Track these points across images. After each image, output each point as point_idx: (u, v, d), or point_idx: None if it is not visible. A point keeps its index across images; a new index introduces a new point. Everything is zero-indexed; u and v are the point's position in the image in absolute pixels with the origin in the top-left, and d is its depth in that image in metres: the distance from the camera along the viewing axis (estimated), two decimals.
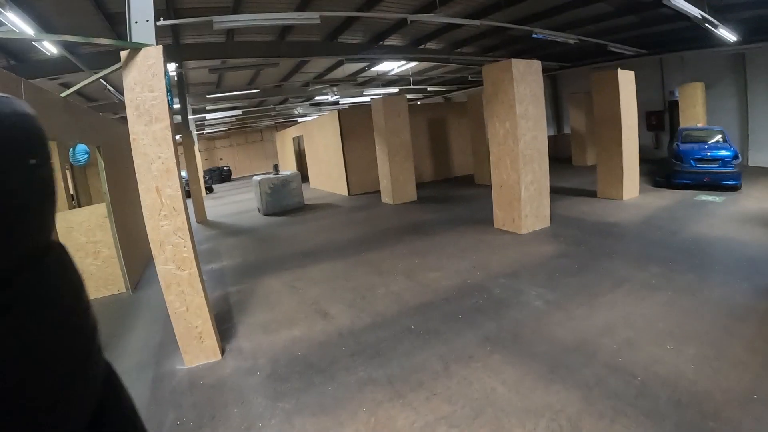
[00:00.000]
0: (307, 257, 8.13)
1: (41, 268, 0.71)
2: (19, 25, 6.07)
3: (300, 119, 27.56)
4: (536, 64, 7.93)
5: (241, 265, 8.39)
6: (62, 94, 5.32)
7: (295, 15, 6.73)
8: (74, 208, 9.36)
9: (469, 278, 5.98)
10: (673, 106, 15.31)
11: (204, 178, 26.19)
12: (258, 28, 9.25)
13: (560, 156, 17.96)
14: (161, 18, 5.35)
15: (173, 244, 4.35)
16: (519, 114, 7.56)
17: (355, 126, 15.51)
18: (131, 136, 4.17)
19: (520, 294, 5.27)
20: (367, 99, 19.12)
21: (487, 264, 6.46)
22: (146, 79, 4.06)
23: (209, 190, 26.32)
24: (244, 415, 3.56)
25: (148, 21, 4.08)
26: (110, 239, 7.54)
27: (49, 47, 8.03)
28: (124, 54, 4.01)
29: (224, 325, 5.49)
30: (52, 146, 6.78)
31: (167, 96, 4.19)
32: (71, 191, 11.40)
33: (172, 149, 4.25)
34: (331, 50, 11.46)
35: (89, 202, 11.64)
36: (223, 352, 4.75)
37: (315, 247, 8.83)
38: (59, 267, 0.77)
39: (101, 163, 7.12)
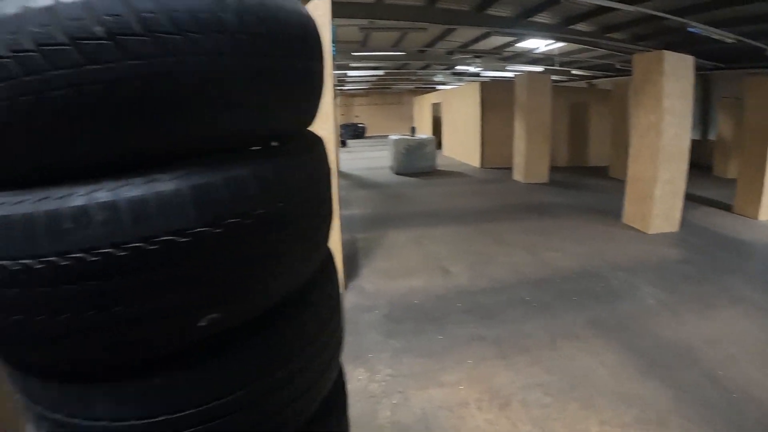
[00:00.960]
0: (433, 218, 8.40)
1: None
2: None
3: (439, 87, 27.55)
4: (689, 60, 7.32)
5: (370, 215, 8.88)
6: None
7: None
8: None
9: (587, 264, 5.85)
10: None
11: (340, 131, 27.47)
12: None
13: (701, 163, 16.16)
14: None
15: None
16: (665, 108, 7.07)
17: (495, 100, 15.29)
18: None
19: (635, 289, 5.10)
20: (509, 74, 18.61)
21: (608, 255, 6.25)
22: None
23: (343, 144, 27.53)
24: (357, 343, 3.93)
25: None
26: None
27: None
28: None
29: (349, 266, 5.93)
30: None
31: (332, 46, 4.57)
32: None
33: (332, 94, 4.67)
34: (479, 21, 11.29)
35: None
36: (346, 287, 5.21)
37: (441, 210, 9.07)
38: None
39: None
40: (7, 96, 0.73)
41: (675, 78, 7.13)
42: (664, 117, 7.10)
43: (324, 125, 4.67)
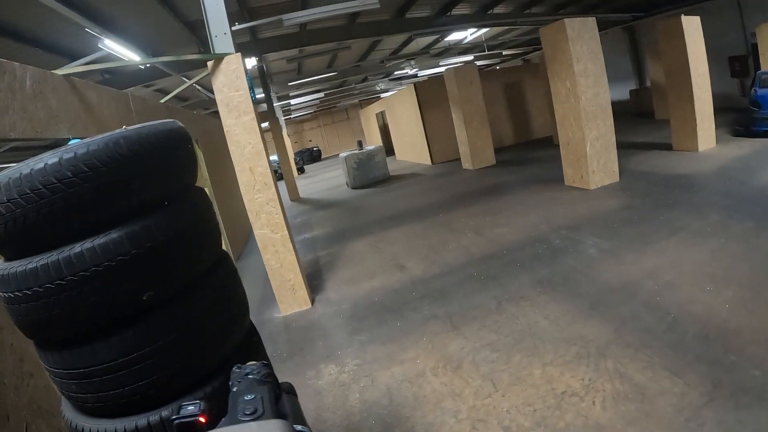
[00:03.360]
0: (390, 222, 8.99)
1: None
2: (116, 47, 6.85)
3: (383, 95, 28.29)
4: (591, 21, 7.98)
5: (331, 233, 9.44)
6: (162, 101, 6.40)
7: (357, 3, 7.34)
8: None
9: (533, 232, 6.43)
10: (757, 50, 14.14)
11: (295, 159, 27.85)
12: (328, 17, 9.94)
13: (643, 110, 17.16)
14: (236, 23, 6.18)
15: (267, 212, 5.31)
16: (578, 72, 7.74)
17: (432, 97, 15.99)
18: (225, 129, 5.12)
19: (577, 244, 5.65)
20: (443, 69, 19.41)
21: (553, 218, 6.84)
22: (231, 81, 4.95)
23: (301, 171, 27.91)
24: (327, 345, 4.44)
25: (225, 33, 4.96)
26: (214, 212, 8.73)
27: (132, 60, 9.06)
28: (210, 63, 4.93)
29: (315, 281, 6.46)
30: None
31: (250, 93, 5.07)
32: None
33: (259, 135, 5.16)
34: (401, 27, 11.88)
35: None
36: (313, 301, 5.72)
37: (397, 213, 9.66)
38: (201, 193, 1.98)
39: (200, 153, 8.25)
40: None
41: (581, 41, 7.78)
42: (578, 81, 7.75)
43: (259, 162, 5.18)
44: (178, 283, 1.70)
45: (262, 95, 14.71)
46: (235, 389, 1.11)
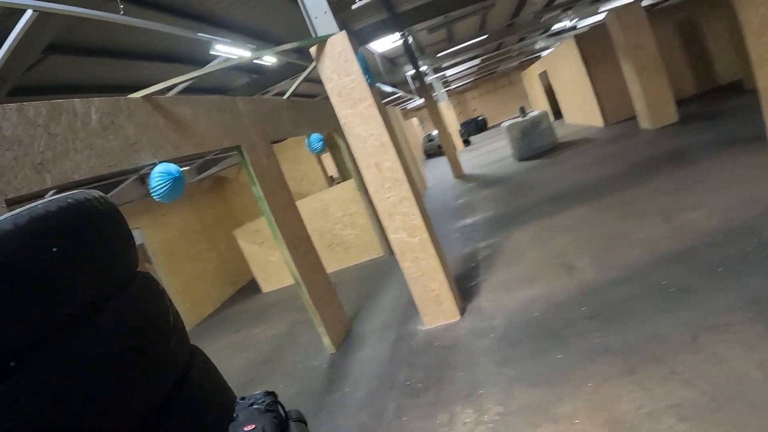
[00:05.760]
0: (558, 202, 7.61)
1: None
2: (228, 50, 6.57)
3: (543, 53, 25.82)
4: None
5: (493, 217, 8.39)
6: (284, 97, 6.03)
7: None
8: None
9: (735, 217, 4.64)
10: None
11: (460, 131, 26.94)
12: None
13: None
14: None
15: (401, 213, 4.58)
16: None
17: (597, 49, 13.66)
18: (341, 121, 4.50)
19: None
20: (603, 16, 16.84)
21: (761, 196, 4.91)
22: (340, 66, 4.28)
23: (467, 143, 26.93)
24: (469, 380, 3.57)
25: (326, 12, 4.29)
26: (363, 210, 8.37)
27: (269, 59, 8.89)
28: (313, 50, 4.30)
29: (469, 282, 5.59)
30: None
31: (365, 76, 4.35)
32: (329, 174, 12.98)
33: (382, 124, 4.43)
34: None
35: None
36: (463, 311, 4.85)
37: (565, 191, 8.21)
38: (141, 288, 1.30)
39: (342, 144, 7.84)
40: None
41: None
42: None
43: (385, 155, 4.46)
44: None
45: (411, 72, 14.06)
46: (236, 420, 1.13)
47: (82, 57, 5.91)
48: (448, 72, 21.90)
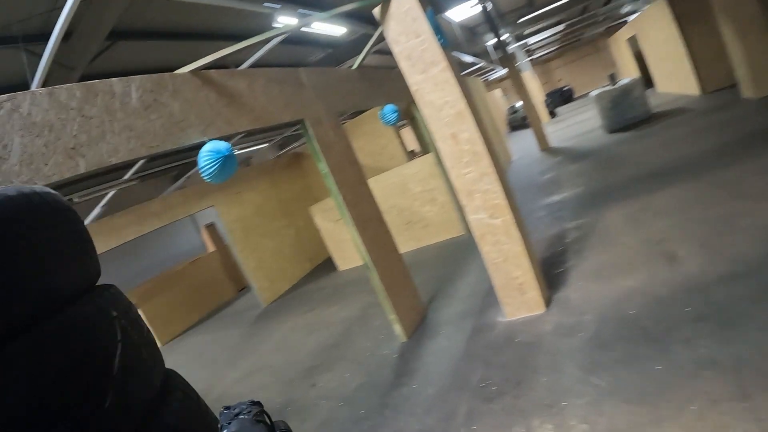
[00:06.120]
0: (653, 180, 6.72)
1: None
2: (291, 20, 6.36)
3: (630, 17, 23.70)
4: None
5: (582, 194, 7.63)
6: (353, 67, 5.64)
7: None
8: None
9: None
10: None
11: (545, 102, 25.49)
12: None
13: None
14: None
15: (482, 191, 4.08)
16: None
17: (692, 8, 12.01)
18: (412, 88, 4.06)
19: None
20: None
21: None
22: (407, 27, 3.82)
23: (552, 114, 25.50)
24: (551, 387, 3.07)
25: None
26: (443, 186, 7.90)
27: (338, 30, 8.46)
28: (377, 11, 3.86)
29: (556, 269, 4.99)
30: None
31: (436, 36, 3.86)
32: (410, 148, 12.51)
33: (458, 90, 3.93)
34: None
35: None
36: (548, 302, 4.30)
37: (662, 166, 7.25)
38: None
39: (417, 116, 7.38)
40: None
41: None
42: None
43: (462, 126, 3.98)
44: None
45: (492, 41, 13.25)
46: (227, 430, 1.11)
47: (147, 41, 5.86)
48: (531, 40, 20.65)
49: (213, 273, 12.59)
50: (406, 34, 3.85)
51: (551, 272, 4.92)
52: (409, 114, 8.95)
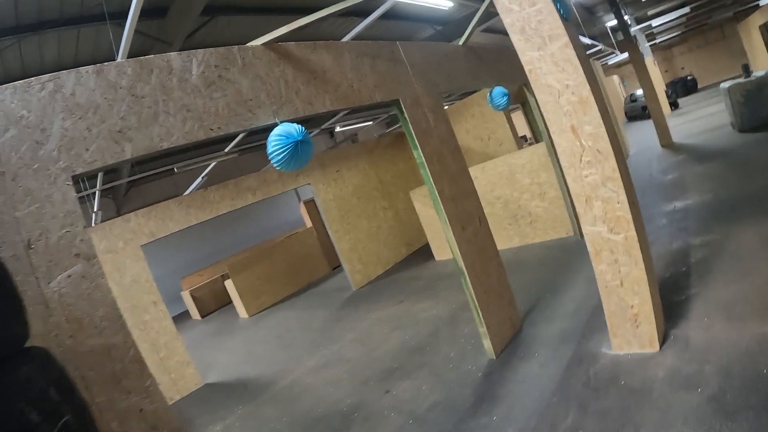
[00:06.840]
0: None
1: None
2: None
3: (763, 1, 20.70)
4: None
5: (711, 203, 6.48)
6: (459, 42, 5.06)
7: None
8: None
9: None
10: None
11: (666, 92, 23.20)
12: None
13: None
14: None
15: (603, 198, 3.36)
16: None
17: None
18: (525, 67, 3.43)
19: None
20: None
21: None
22: None
23: (674, 105, 23.20)
24: None
25: None
26: (555, 180, 7.16)
27: (444, 2, 7.86)
28: None
29: (676, 296, 4.14)
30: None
31: (555, 5, 3.20)
32: (520, 134, 11.64)
33: (582, 73, 3.24)
34: None
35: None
36: (664, 339, 3.52)
37: None
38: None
39: (532, 101, 6.63)
40: None
41: None
42: None
43: (585, 116, 3.30)
44: None
45: (612, 22, 12.01)
46: None
47: (247, 16, 5.65)
48: (653, 22, 18.72)
49: (308, 249, 12.57)
50: (520, 2, 3.22)
51: (670, 298, 4.08)
52: (521, 97, 8.17)
